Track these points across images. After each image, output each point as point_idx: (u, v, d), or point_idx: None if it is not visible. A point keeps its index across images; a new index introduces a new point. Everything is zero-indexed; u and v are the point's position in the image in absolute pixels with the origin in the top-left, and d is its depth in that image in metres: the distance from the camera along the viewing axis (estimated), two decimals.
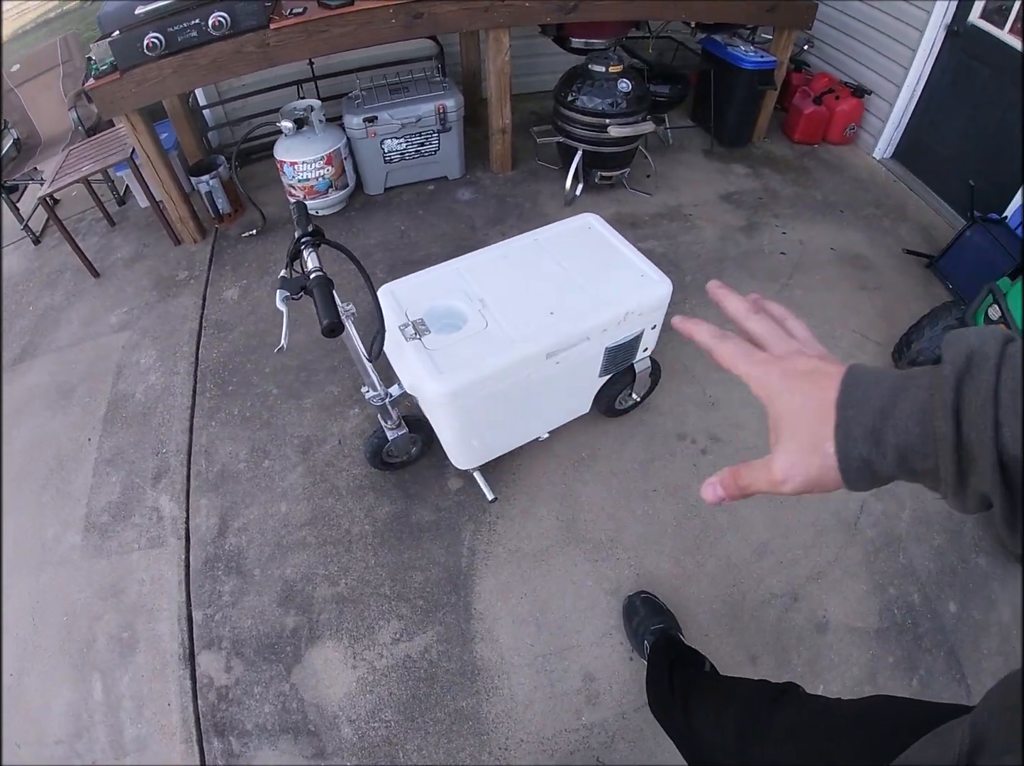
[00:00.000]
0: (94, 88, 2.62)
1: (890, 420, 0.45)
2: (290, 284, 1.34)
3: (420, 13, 2.81)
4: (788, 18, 3.39)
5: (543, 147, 3.54)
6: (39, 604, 2.01)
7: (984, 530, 2.06)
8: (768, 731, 1.07)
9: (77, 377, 2.71)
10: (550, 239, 1.95)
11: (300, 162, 3.04)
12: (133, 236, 3.44)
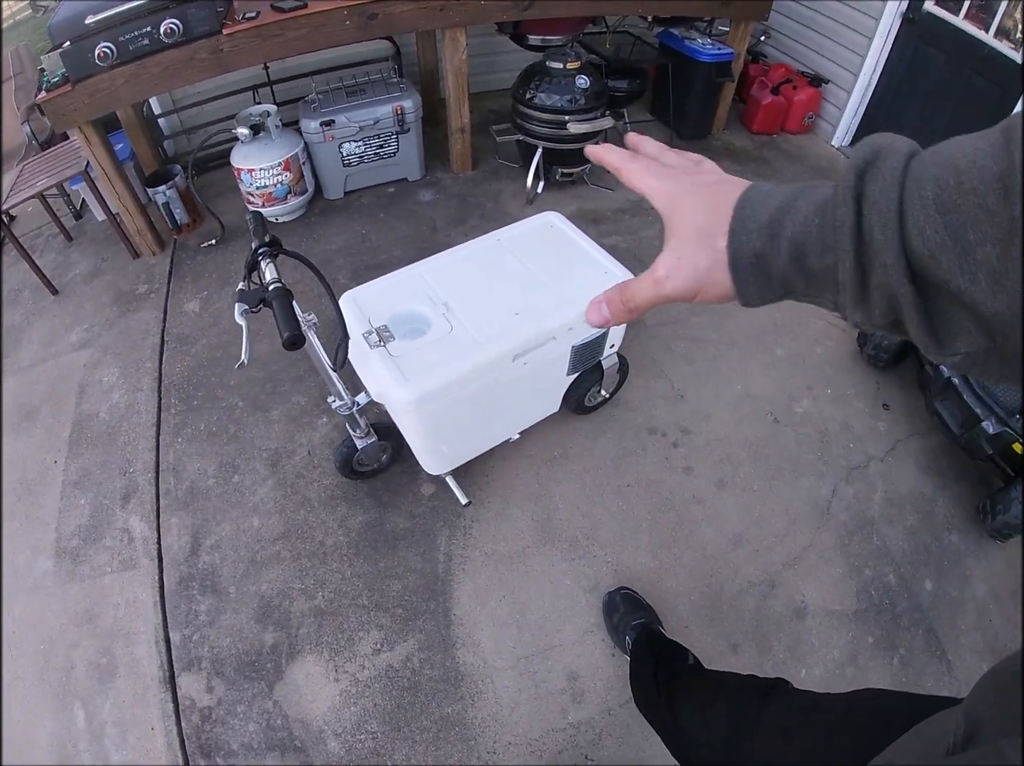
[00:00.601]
0: (46, 101, 2.56)
1: (789, 213, 0.43)
2: (248, 297, 1.32)
3: (375, 14, 2.78)
4: (744, 10, 3.41)
5: (503, 146, 3.54)
6: (15, 634, 1.97)
7: (955, 507, 2.09)
8: (757, 727, 1.08)
9: (39, 398, 2.65)
10: (512, 239, 1.94)
11: (257, 169, 2.99)
12: (91, 251, 3.37)
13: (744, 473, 2.16)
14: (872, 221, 0.37)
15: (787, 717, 1.06)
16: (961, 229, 0.33)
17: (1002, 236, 0.31)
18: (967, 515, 2.09)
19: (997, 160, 0.32)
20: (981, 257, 0.32)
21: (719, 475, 2.16)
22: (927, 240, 0.35)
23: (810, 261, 0.42)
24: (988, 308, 0.33)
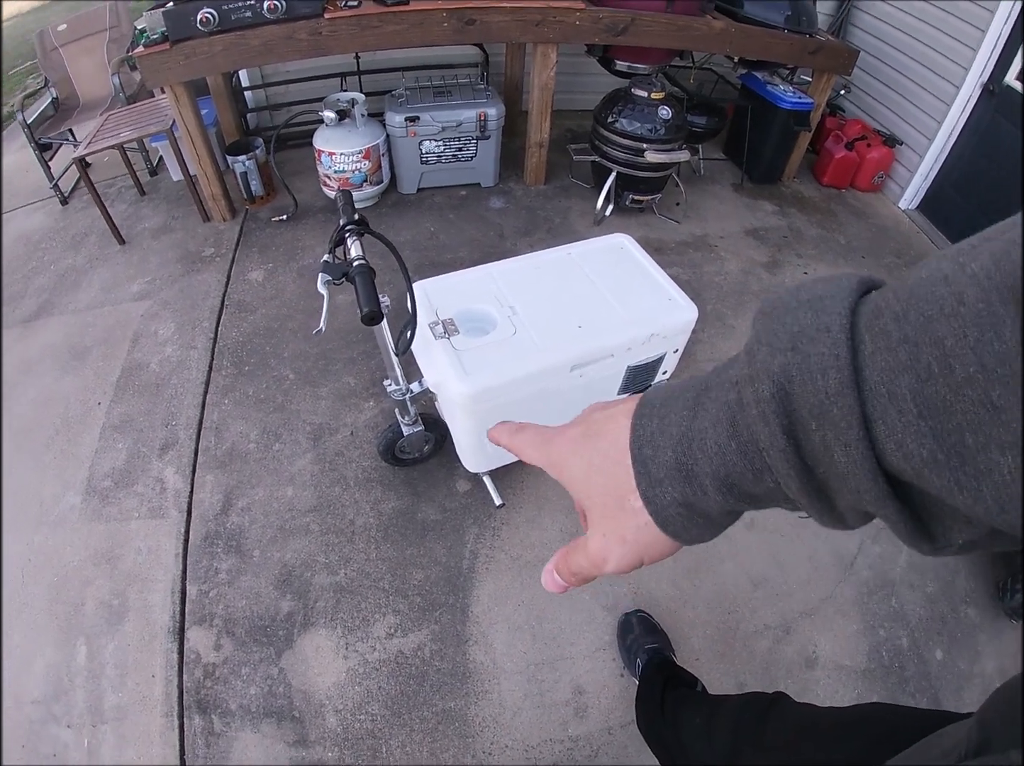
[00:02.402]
0: (142, 56, 2.63)
1: (695, 442, 0.35)
2: (332, 269, 1.36)
3: (473, 20, 2.84)
4: (829, 62, 3.43)
5: (577, 165, 3.57)
6: (30, 562, 2.01)
7: (976, 581, 2.08)
8: (760, 740, 1.08)
9: (92, 340, 2.72)
10: (583, 255, 1.97)
11: (339, 153, 3.06)
12: (162, 208, 3.47)
13: (775, 516, 2.16)
14: (827, 440, 0.29)
15: (790, 728, 1.06)
16: (956, 434, 0.25)
17: (1014, 441, 0.23)
18: (986, 591, 2.06)
19: (1000, 328, 0.23)
20: (985, 467, 0.24)
21: (749, 516, 2.15)
22: (909, 456, 0.26)
23: (746, 489, 0.34)
24: (998, 522, 0.25)
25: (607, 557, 0.41)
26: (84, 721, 1.70)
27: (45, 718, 1.71)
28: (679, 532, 0.38)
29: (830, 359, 0.28)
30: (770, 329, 0.31)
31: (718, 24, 3.11)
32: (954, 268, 0.25)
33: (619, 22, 2.96)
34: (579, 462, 0.42)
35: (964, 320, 0.24)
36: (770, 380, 0.30)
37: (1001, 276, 0.23)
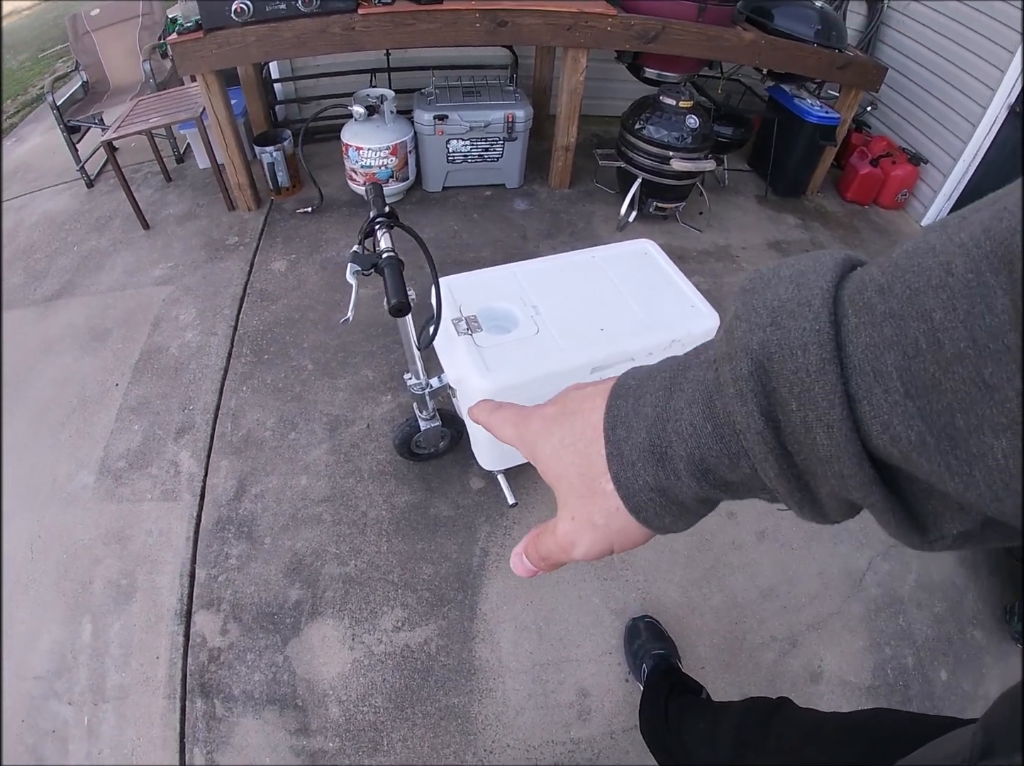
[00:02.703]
0: (176, 43, 2.66)
1: (669, 423, 0.33)
2: (362, 260, 1.37)
3: (505, 21, 2.85)
4: (857, 78, 3.42)
5: (602, 170, 3.58)
6: (40, 538, 2.02)
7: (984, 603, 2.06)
8: (764, 744, 1.08)
9: (112, 322, 2.75)
10: (607, 259, 1.97)
11: (366, 148, 3.08)
12: (188, 195, 3.49)
13: (786, 529, 2.16)
14: (808, 421, 0.27)
15: (793, 733, 1.06)
16: (946, 415, 0.23)
17: (1009, 423, 0.21)
18: (994, 613, 2.05)
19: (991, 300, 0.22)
20: (977, 450, 0.23)
21: (761, 526, 2.16)
22: (897, 439, 0.24)
23: (721, 474, 0.32)
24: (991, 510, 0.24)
25: (575, 541, 0.39)
26: (85, 699, 1.71)
27: (47, 694, 1.72)
28: (651, 519, 0.36)
29: (811, 334, 0.26)
30: (750, 305, 0.30)
31: (748, 35, 3.12)
32: (942, 238, 0.24)
33: (650, 29, 2.96)
34: (551, 441, 0.40)
35: (953, 291, 0.22)
36: (748, 357, 0.28)
37: (991, 244, 0.22)
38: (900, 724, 0.93)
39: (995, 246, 0.21)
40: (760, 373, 0.28)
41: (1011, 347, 0.21)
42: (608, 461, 0.36)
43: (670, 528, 0.37)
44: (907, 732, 0.87)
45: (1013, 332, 0.21)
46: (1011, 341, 0.21)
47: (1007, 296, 0.21)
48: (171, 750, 1.63)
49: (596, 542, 0.38)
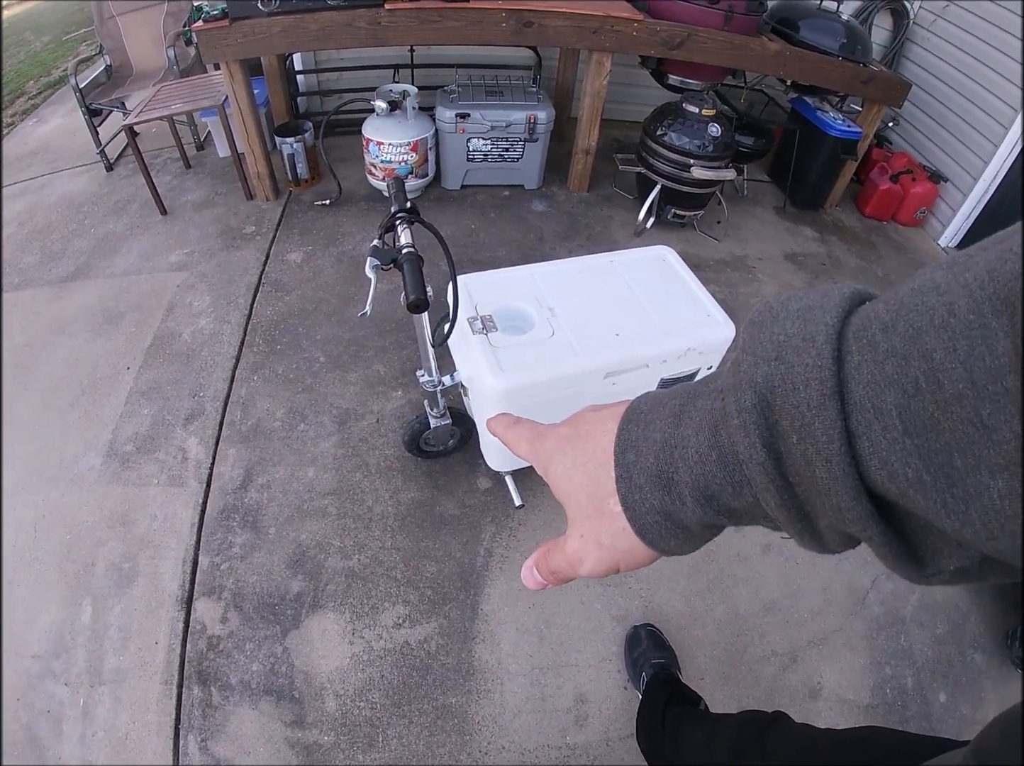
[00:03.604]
0: (201, 31, 2.67)
1: (677, 450, 0.35)
2: (381, 254, 1.37)
3: (531, 22, 2.85)
4: (881, 93, 3.41)
5: (622, 174, 3.57)
6: (44, 517, 2.03)
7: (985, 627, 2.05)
8: (759, 756, 1.08)
9: (126, 306, 2.75)
10: (625, 264, 1.96)
11: (387, 143, 3.08)
12: (206, 183, 3.50)
13: (791, 543, 2.11)
14: (808, 454, 0.27)
15: (788, 747, 1.07)
16: (943, 454, 0.23)
17: (1007, 463, 0.21)
18: (995, 638, 2.04)
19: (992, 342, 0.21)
20: (974, 489, 0.23)
21: (767, 539, 2.15)
22: (894, 475, 0.25)
23: (725, 502, 0.33)
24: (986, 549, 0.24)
25: (583, 558, 0.40)
26: (82, 680, 1.71)
27: (43, 673, 1.72)
28: (656, 541, 0.37)
29: (813, 370, 0.27)
30: (757, 338, 0.30)
31: (773, 46, 3.11)
32: (947, 278, 0.24)
33: (676, 36, 2.95)
34: (564, 460, 0.42)
35: (954, 332, 0.23)
36: (752, 390, 0.29)
37: (995, 286, 0.22)
38: (894, 743, 0.93)
39: (998, 288, 0.22)
40: (763, 406, 0.29)
41: (1010, 389, 0.21)
42: (617, 484, 0.37)
43: (675, 550, 0.38)
44: (900, 751, 0.87)
45: (1013, 375, 0.21)
46: (1010, 383, 0.21)
47: (1008, 339, 0.21)
48: (165, 736, 1.62)
49: (602, 561, 0.40)
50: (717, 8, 2.92)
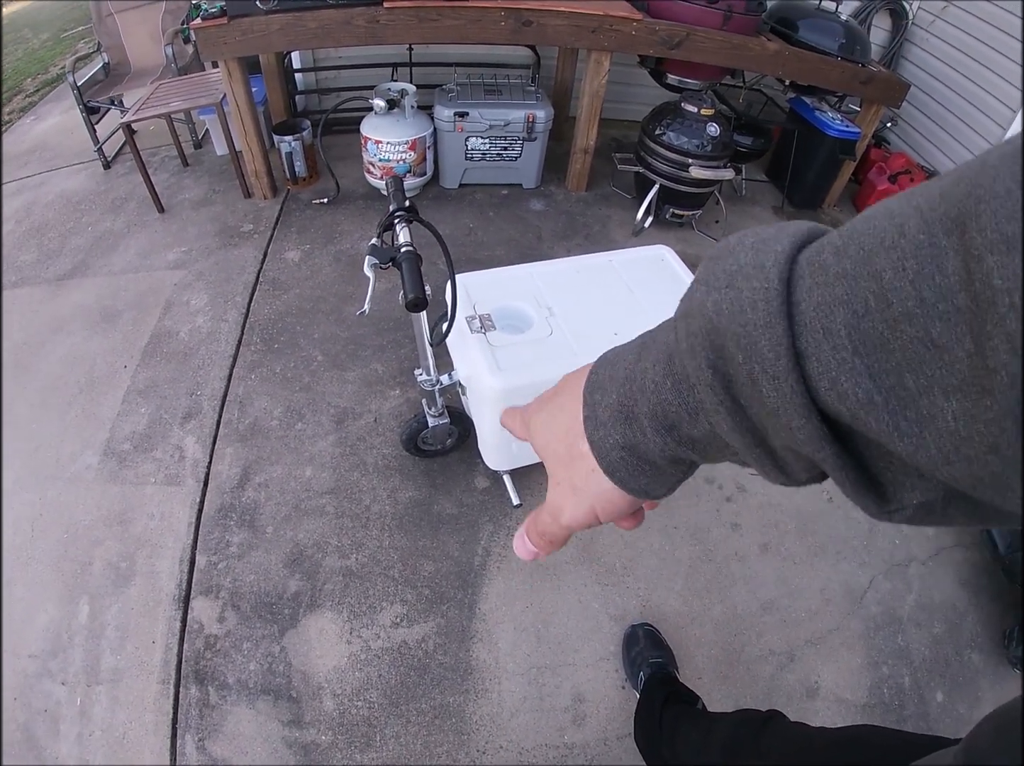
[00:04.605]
0: (199, 28, 2.66)
1: (635, 382, 0.35)
2: (380, 253, 1.36)
3: (530, 21, 2.84)
4: (880, 93, 3.41)
5: (619, 174, 3.56)
6: (42, 516, 2.03)
7: (983, 627, 2.05)
8: (753, 755, 1.08)
9: (124, 304, 2.75)
10: (624, 263, 1.96)
11: (385, 142, 3.08)
12: (204, 180, 3.50)
13: (789, 543, 2.15)
14: (754, 373, 0.27)
15: (783, 746, 1.07)
16: (894, 375, 0.23)
17: (960, 384, 0.21)
18: (992, 637, 2.04)
19: (941, 260, 0.21)
20: (928, 411, 0.22)
21: (765, 539, 2.15)
22: (844, 396, 0.25)
23: (684, 431, 0.34)
24: (943, 475, 0.23)
25: (561, 506, 0.41)
26: (79, 680, 1.71)
27: (40, 673, 1.72)
28: (626, 479, 0.37)
29: (760, 292, 0.27)
30: (711, 270, 0.31)
31: (772, 46, 3.11)
32: (900, 203, 0.24)
33: (674, 36, 2.95)
34: (540, 416, 0.44)
35: (904, 252, 0.22)
36: (702, 316, 0.29)
37: (945, 206, 0.21)
38: (889, 742, 0.93)
39: (948, 208, 0.21)
40: (709, 328, 0.29)
41: (961, 308, 0.20)
42: (584, 424, 0.38)
43: (646, 490, 0.38)
44: (895, 750, 0.88)
45: (963, 293, 0.20)
46: (961, 302, 0.20)
47: (958, 257, 0.20)
48: (163, 735, 1.62)
49: (578, 505, 0.40)
50: (716, 8, 2.92)
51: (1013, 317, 0.19)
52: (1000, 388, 0.20)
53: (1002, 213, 0.19)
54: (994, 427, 0.20)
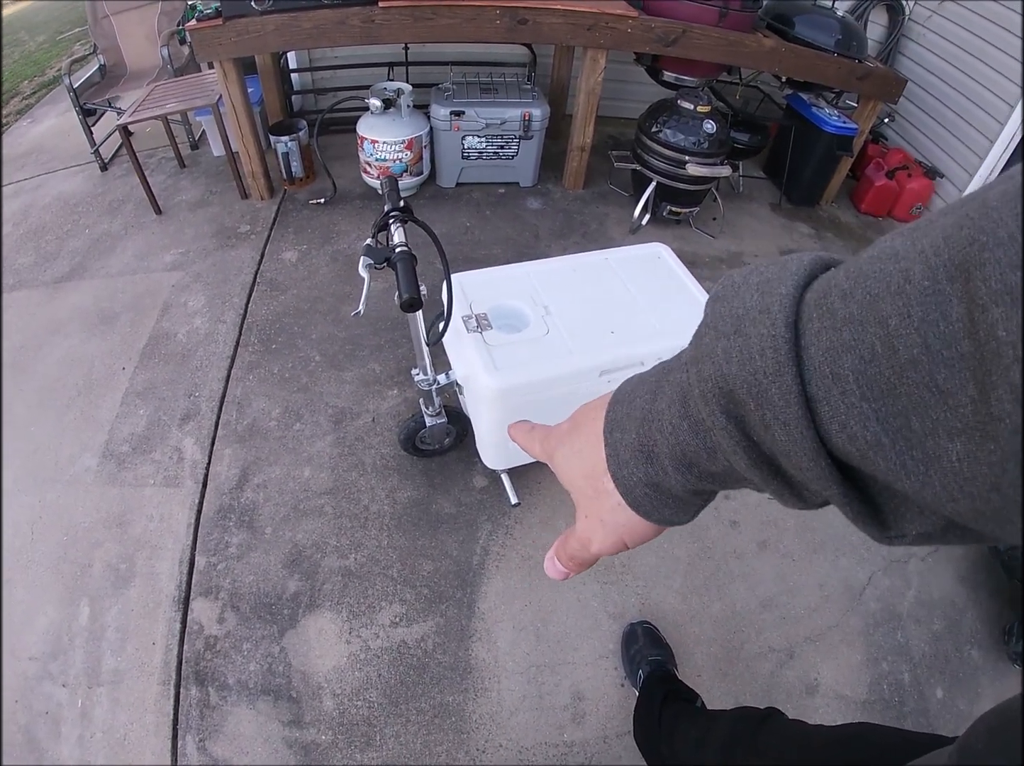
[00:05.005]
0: (195, 29, 2.66)
1: (654, 423, 0.37)
2: (375, 253, 1.36)
3: (525, 19, 2.84)
4: (877, 89, 3.41)
5: (616, 172, 3.56)
6: (41, 518, 2.03)
7: (982, 623, 2.05)
8: (751, 753, 1.09)
9: (121, 306, 2.75)
10: (620, 261, 1.96)
11: (381, 141, 3.08)
12: (201, 182, 3.49)
13: (788, 540, 2.15)
14: (766, 419, 0.28)
15: (781, 743, 1.07)
16: (901, 418, 0.24)
17: (964, 427, 0.22)
18: (991, 633, 2.04)
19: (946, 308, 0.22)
20: (933, 452, 0.23)
21: (763, 536, 2.15)
22: (854, 438, 0.25)
23: (703, 467, 0.35)
24: (947, 510, 0.24)
25: (591, 537, 0.43)
26: (80, 682, 1.71)
27: (41, 675, 1.72)
28: (650, 512, 0.40)
29: (768, 339, 0.27)
30: (718, 313, 0.31)
31: (768, 42, 3.10)
32: (905, 244, 0.24)
33: (670, 33, 2.95)
34: (563, 451, 0.46)
35: (909, 298, 0.23)
36: (712, 362, 0.30)
37: (949, 252, 0.22)
38: (887, 740, 0.93)
39: (953, 254, 0.22)
40: (719, 376, 0.30)
41: (964, 354, 0.21)
42: (607, 462, 0.40)
43: (671, 519, 0.40)
44: (893, 749, 0.88)
45: (967, 340, 0.21)
46: (964, 348, 0.21)
47: (962, 304, 0.21)
48: (163, 736, 1.62)
49: (607, 536, 0.42)
50: (712, 4, 2.91)
51: (1017, 369, 0.19)
52: (1003, 434, 0.20)
53: (1005, 262, 0.19)
54: (997, 469, 0.21)
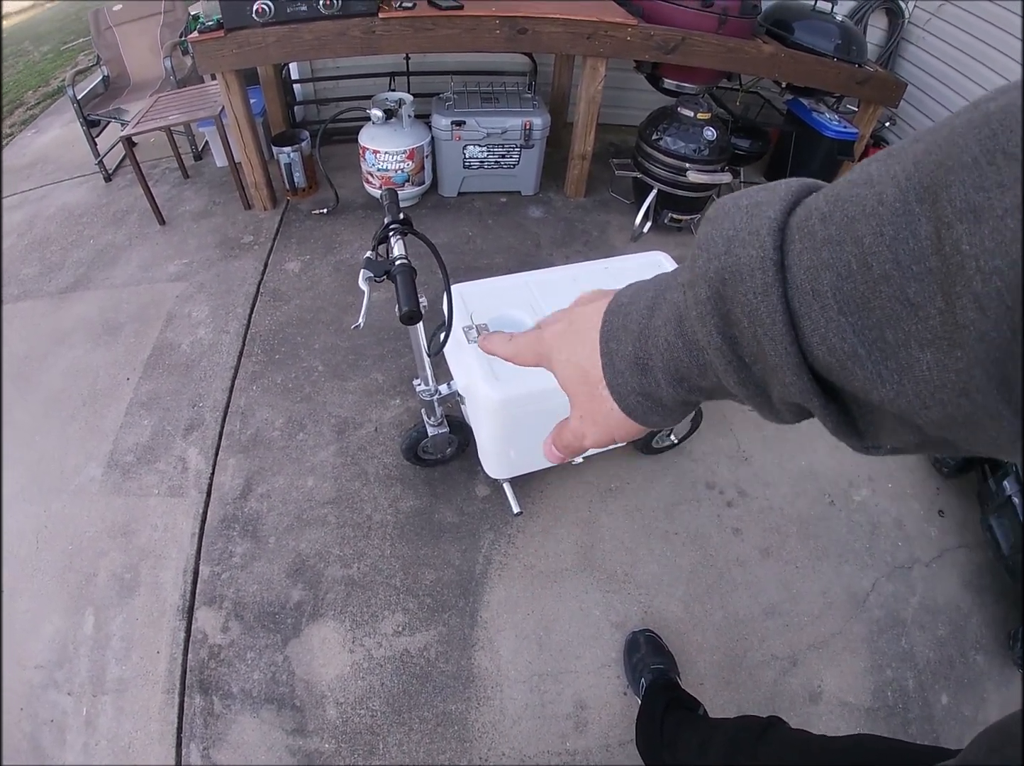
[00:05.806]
0: (197, 41, 2.67)
1: (650, 339, 0.39)
2: (375, 266, 1.37)
3: (525, 29, 2.85)
4: (877, 93, 3.42)
5: (618, 180, 3.57)
6: (46, 528, 2.04)
7: (987, 628, 2.05)
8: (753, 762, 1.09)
9: (126, 316, 2.77)
10: (620, 270, 1.96)
11: (383, 151, 3.09)
12: (204, 192, 3.51)
13: (791, 547, 2.15)
14: (757, 335, 0.30)
15: (782, 752, 1.07)
16: (875, 330, 0.26)
17: (933, 338, 0.24)
18: (997, 638, 2.03)
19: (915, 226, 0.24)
20: (906, 362, 0.25)
21: (766, 543, 2.15)
22: (833, 350, 0.27)
23: (694, 382, 0.38)
24: (921, 418, 0.26)
25: (585, 433, 0.47)
26: (85, 690, 1.72)
27: (46, 683, 1.73)
28: (641, 417, 0.43)
29: (757, 260, 0.29)
30: (709, 235, 0.33)
31: (767, 48, 3.11)
32: (880, 170, 0.26)
33: (670, 40, 2.96)
34: (560, 356, 0.47)
35: (882, 219, 0.25)
36: (707, 284, 0.32)
37: (919, 175, 0.24)
38: (888, 750, 0.93)
39: (922, 177, 0.23)
40: (716, 297, 0.32)
41: (932, 269, 0.23)
42: (603, 371, 0.43)
43: (659, 423, 0.44)
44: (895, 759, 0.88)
45: (934, 255, 0.23)
46: (932, 263, 0.23)
47: (930, 223, 0.23)
48: (168, 745, 1.63)
49: (600, 434, 0.47)
50: (711, 12, 2.93)
51: (979, 279, 0.21)
52: (969, 342, 0.22)
53: (969, 183, 0.21)
54: (964, 375, 0.23)
